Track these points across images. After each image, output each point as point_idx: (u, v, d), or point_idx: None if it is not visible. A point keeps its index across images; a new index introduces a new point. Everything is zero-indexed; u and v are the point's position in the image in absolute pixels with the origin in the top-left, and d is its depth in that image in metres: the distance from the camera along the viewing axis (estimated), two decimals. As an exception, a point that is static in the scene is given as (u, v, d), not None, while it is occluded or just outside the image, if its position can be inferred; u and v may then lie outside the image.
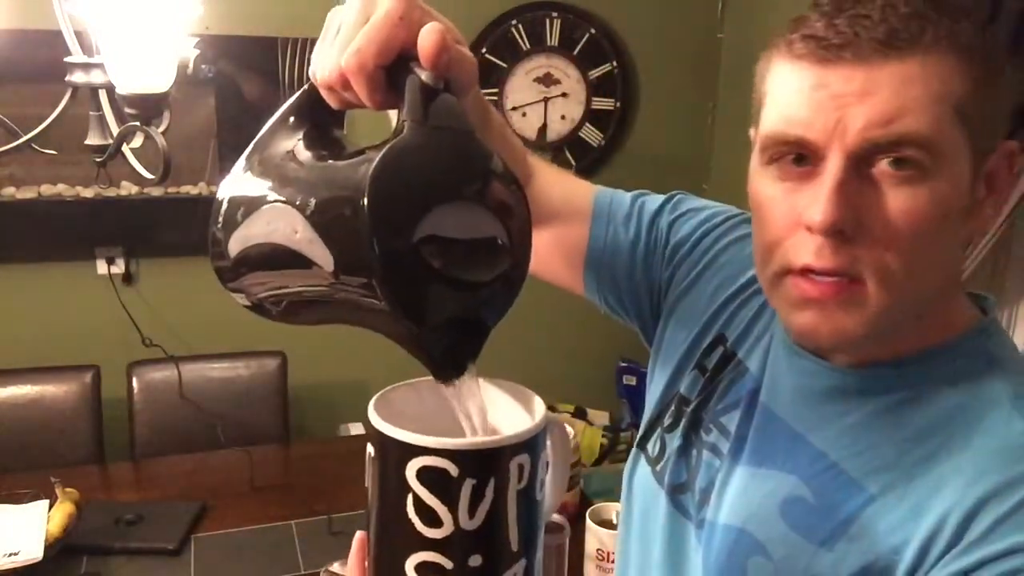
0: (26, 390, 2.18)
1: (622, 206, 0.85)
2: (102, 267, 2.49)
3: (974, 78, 0.55)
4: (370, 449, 0.49)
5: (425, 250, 0.45)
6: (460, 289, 0.48)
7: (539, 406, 0.52)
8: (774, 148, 0.59)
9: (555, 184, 0.86)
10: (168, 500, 1.81)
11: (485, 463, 0.47)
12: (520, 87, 2.76)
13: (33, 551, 1.46)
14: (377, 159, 0.45)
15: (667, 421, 0.79)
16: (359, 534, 0.53)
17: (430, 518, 0.47)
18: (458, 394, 0.50)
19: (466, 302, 0.50)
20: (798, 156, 0.58)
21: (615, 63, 2.80)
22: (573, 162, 2.85)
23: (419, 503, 0.47)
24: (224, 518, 1.73)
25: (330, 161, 0.55)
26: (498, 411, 0.53)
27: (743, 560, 0.65)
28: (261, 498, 1.83)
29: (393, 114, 0.55)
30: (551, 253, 0.87)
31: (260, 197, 0.54)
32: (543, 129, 2.81)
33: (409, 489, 0.47)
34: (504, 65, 2.72)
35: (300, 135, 0.61)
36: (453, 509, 0.47)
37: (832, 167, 0.55)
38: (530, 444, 0.48)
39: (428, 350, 0.49)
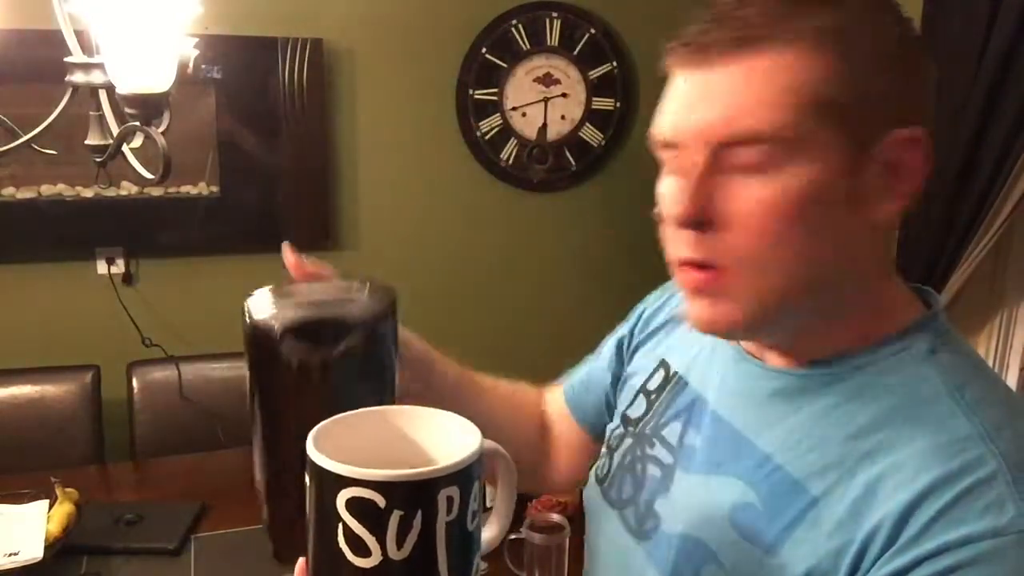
0: (26, 390, 2.17)
1: (591, 372, 0.96)
2: (102, 267, 2.49)
3: (841, 69, 0.55)
4: (307, 479, 0.50)
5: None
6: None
7: (474, 440, 0.51)
8: (657, 149, 0.63)
9: (556, 422, 0.97)
10: (168, 500, 1.81)
11: (412, 495, 0.47)
12: (520, 87, 2.76)
13: (33, 551, 1.46)
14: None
15: (614, 443, 0.80)
16: (300, 561, 0.54)
17: (359, 548, 0.47)
18: (405, 423, 0.53)
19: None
20: (674, 157, 0.61)
21: (615, 63, 2.80)
22: (573, 162, 2.85)
23: (349, 533, 0.47)
24: (224, 518, 1.73)
25: None
26: (438, 443, 0.54)
27: (697, 569, 0.65)
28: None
29: None
30: (572, 456, 0.96)
31: None
32: (543, 129, 2.81)
33: (340, 519, 0.47)
34: (504, 65, 2.72)
35: None
36: (381, 540, 0.47)
37: (689, 164, 0.59)
38: (459, 476, 0.48)
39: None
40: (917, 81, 0.59)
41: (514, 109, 2.78)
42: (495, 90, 2.74)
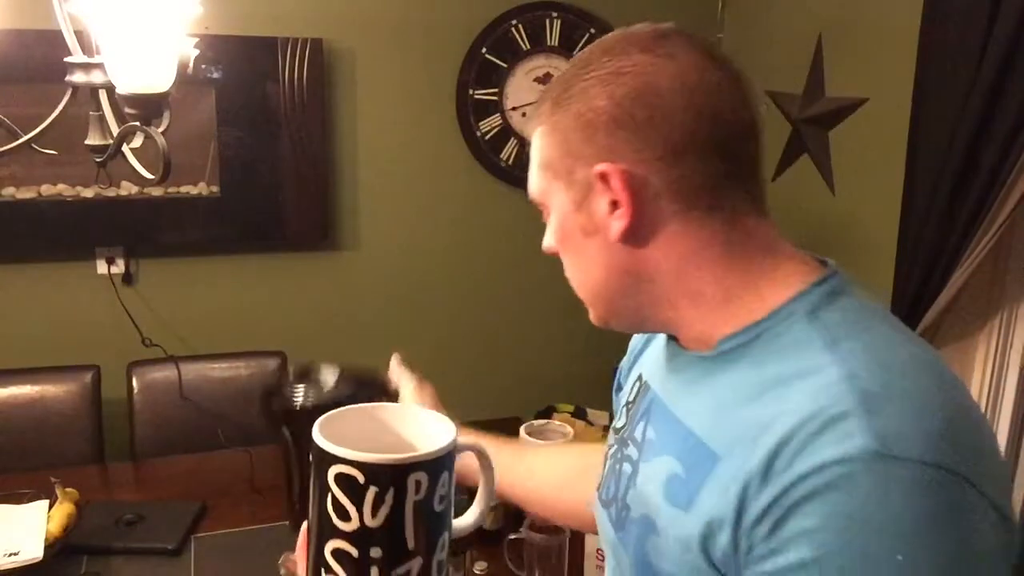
0: (26, 390, 2.17)
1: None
2: (102, 267, 2.50)
3: (550, 142, 0.73)
4: (311, 455, 0.61)
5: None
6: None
7: (447, 437, 0.63)
8: None
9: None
10: (168, 500, 1.81)
11: (385, 475, 0.59)
12: (520, 87, 2.76)
13: (33, 551, 1.46)
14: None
15: (610, 451, 0.88)
16: (305, 523, 0.64)
17: (343, 514, 0.60)
18: (394, 419, 0.66)
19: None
20: None
21: (615, 63, 2.80)
22: (573, 162, 2.85)
23: (335, 501, 0.60)
24: (224, 518, 1.73)
25: None
26: (419, 436, 0.66)
27: (644, 542, 0.73)
28: (261, 498, 1.83)
29: None
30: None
31: None
32: (543, 129, 2.81)
33: (329, 489, 0.60)
34: (504, 65, 2.73)
35: None
36: (360, 509, 0.59)
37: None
38: (427, 465, 0.60)
39: None
40: (593, 131, 0.72)
41: (514, 109, 2.78)
42: (495, 90, 2.74)
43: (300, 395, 1.00)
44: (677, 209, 0.69)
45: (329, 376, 1.05)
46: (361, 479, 0.58)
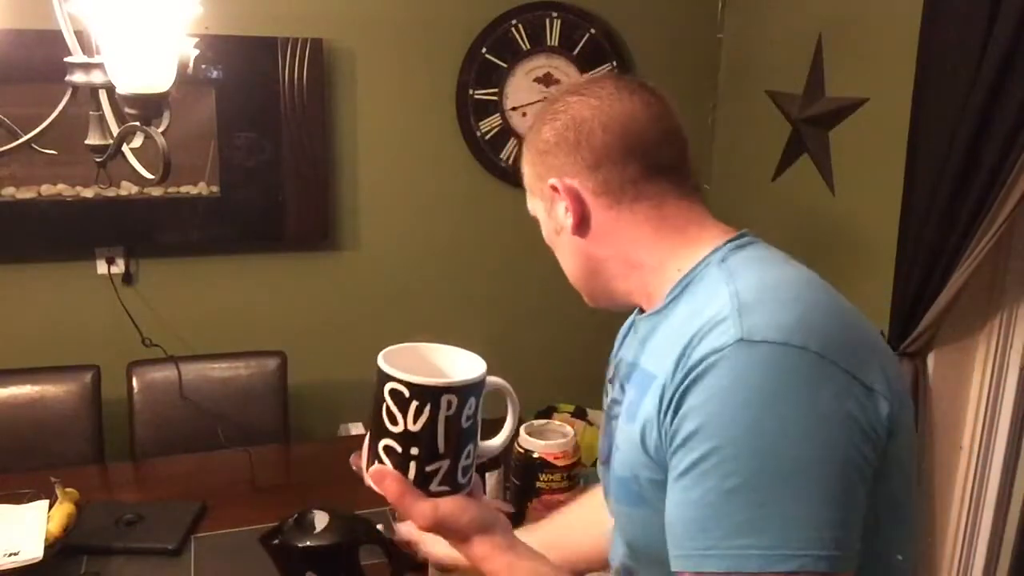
0: (26, 390, 2.18)
1: None
2: (102, 267, 2.50)
3: (526, 170, 0.98)
4: (375, 375, 0.79)
5: None
6: None
7: (477, 371, 0.81)
8: None
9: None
10: (168, 500, 1.81)
11: (423, 393, 0.77)
12: (520, 87, 2.76)
13: (33, 551, 1.46)
14: None
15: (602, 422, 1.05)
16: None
17: (392, 419, 0.78)
18: (437, 356, 0.86)
19: None
20: None
21: (615, 63, 2.80)
22: (573, 162, 2.85)
23: (387, 409, 0.78)
24: (224, 518, 1.73)
25: None
26: (456, 368, 0.84)
27: (613, 462, 0.91)
28: (261, 498, 1.83)
29: None
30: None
31: None
32: (543, 129, 2.81)
33: (384, 400, 0.78)
34: (504, 65, 2.73)
35: None
36: (404, 416, 0.77)
37: None
38: (456, 389, 0.78)
39: None
40: (546, 154, 0.94)
41: (514, 109, 2.78)
42: (495, 90, 2.74)
43: (293, 535, 1.29)
44: (609, 203, 0.91)
45: (319, 521, 1.30)
46: (407, 393, 0.77)
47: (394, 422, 0.77)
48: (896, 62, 2.03)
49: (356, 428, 2.56)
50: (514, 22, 2.71)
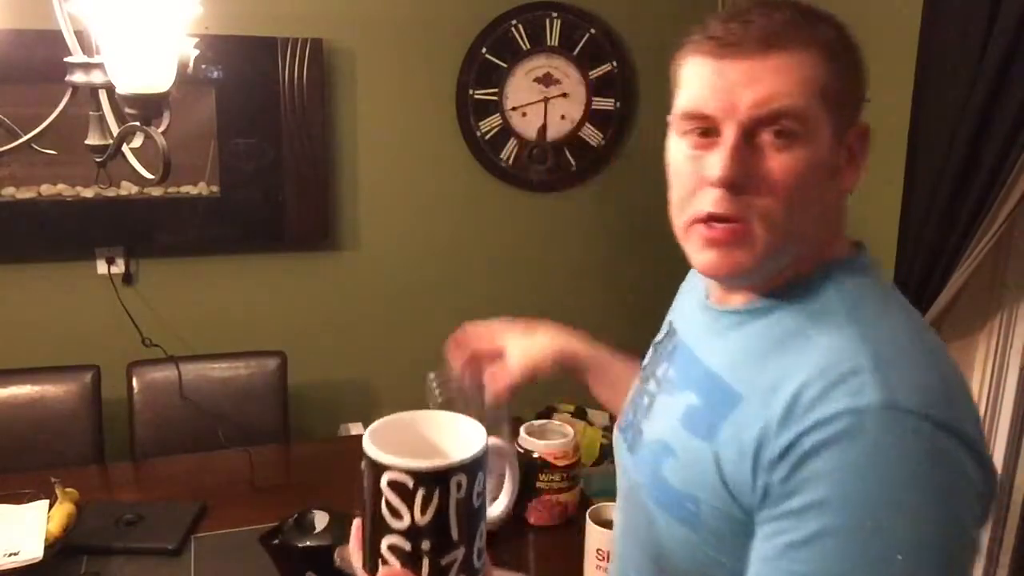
0: (26, 390, 2.17)
1: None
2: (102, 267, 2.50)
3: (833, 70, 0.74)
4: (362, 463, 0.68)
5: None
6: None
7: (479, 441, 0.69)
8: (685, 124, 0.77)
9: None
10: (168, 500, 1.81)
11: (431, 479, 0.66)
12: (520, 87, 2.76)
13: (33, 551, 1.46)
14: None
15: (633, 385, 0.99)
16: (356, 520, 0.71)
17: (395, 514, 0.67)
18: (425, 426, 0.74)
19: None
20: (703, 130, 0.76)
21: (615, 63, 2.80)
22: (573, 162, 2.85)
23: (388, 504, 0.67)
24: (224, 518, 1.73)
25: None
26: (455, 441, 0.72)
27: (659, 462, 0.83)
28: (261, 498, 1.83)
29: None
30: None
31: None
32: (543, 129, 2.81)
33: (382, 493, 0.67)
34: (504, 65, 2.73)
35: None
36: (411, 508, 0.66)
37: (728, 136, 0.73)
38: (465, 467, 0.67)
39: None
40: (864, 87, 0.78)
41: (514, 109, 2.78)
42: (495, 90, 2.74)
43: (293, 535, 1.28)
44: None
45: (319, 521, 1.27)
46: (411, 484, 0.66)
47: (398, 517, 0.67)
48: (896, 62, 2.03)
49: (356, 428, 2.56)
50: (514, 22, 2.71)
